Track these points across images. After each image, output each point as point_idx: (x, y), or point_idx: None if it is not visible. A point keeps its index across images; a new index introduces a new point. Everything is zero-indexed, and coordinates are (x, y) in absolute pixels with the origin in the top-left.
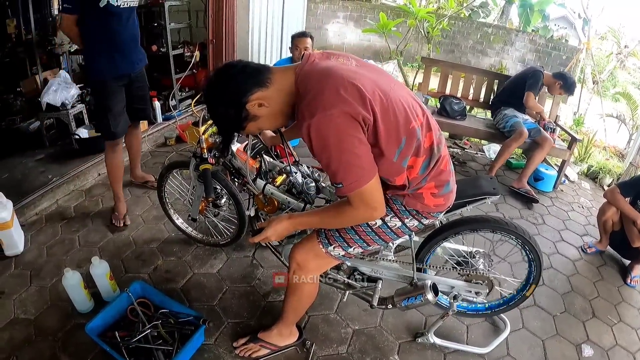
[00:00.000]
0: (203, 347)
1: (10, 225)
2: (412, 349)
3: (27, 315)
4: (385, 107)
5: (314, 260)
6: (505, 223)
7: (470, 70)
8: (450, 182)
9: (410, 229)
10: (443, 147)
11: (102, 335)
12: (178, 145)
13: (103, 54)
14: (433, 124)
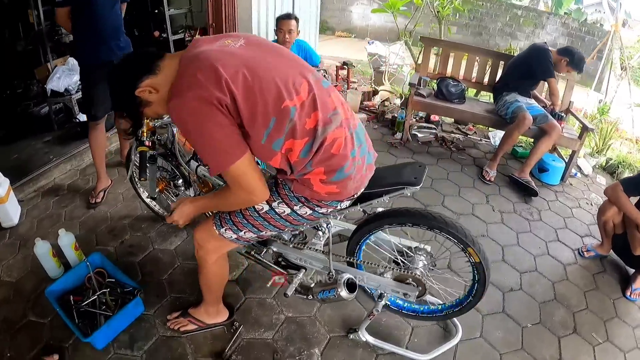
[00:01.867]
0: (142, 317)
1: (5, 200)
2: (342, 345)
3: (11, 278)
4: (250, 86)
5: (211, 241)
6: (433, 218)
7: (473, 51)
8: (347, 167)
9: (303, 217)
10: (336, 129)
11: (61, 298)
12: None
13: (87, 42)
14: (323, 102)
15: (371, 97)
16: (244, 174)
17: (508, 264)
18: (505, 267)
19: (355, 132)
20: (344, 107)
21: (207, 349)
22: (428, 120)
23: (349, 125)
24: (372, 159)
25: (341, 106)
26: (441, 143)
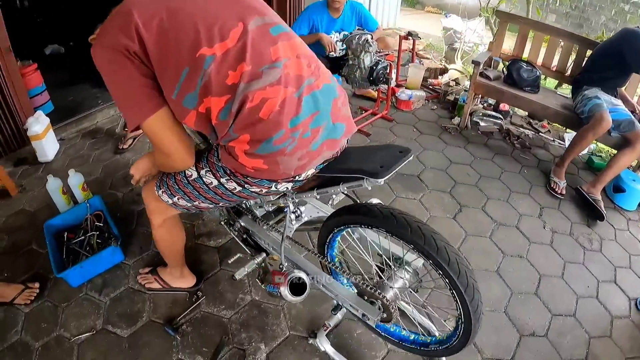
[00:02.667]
0: (121, 265)
1: (42, 137)
2: (298, 347)
3: (31, 208)
4: (164, 32)
5: (153, 201)
6: (401, 225)
7: (556, 33)
8: (278, 138)
9: (234, 192)
10: (269, 86)
11: (58, 233)
12: None
13: None
14: (257, 51)
15: (438, 75)
16: (156, 133)
17: (540, 299)
18: (535, 302)
19: (312, 96)
20: (300, 61)
21: (163, 311)
22: (497, 110)
23: (298, 85)
24: (340, 135)
25: (294, 59)
26: (505, 136)
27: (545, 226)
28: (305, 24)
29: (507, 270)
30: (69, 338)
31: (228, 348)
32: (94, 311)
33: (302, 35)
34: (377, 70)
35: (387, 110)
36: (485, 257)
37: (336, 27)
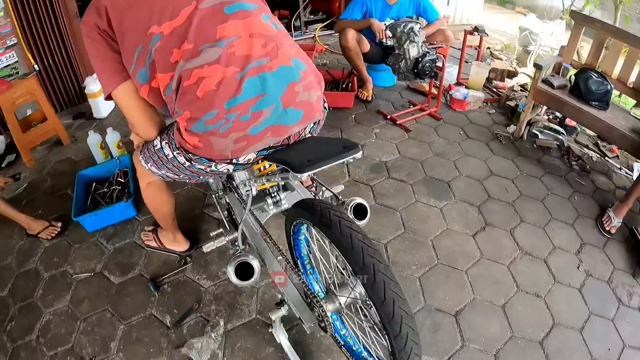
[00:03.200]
0: (133, 220)
1: (97, 96)
2: (258, 332)
3: (76, 158)
4: (126, 10)
5: (139, 165)
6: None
7: (637, 43)
8: (209, 119)
9: (185, 167)
10: (207, 65)
11: (89, 182)
12: None
13: None
14: (201, 30)
15: (505, 78)
16: (121, 103)
17: (544, 351)
18: (536, 354)
19: (259, 77)
20: (252, 40)
21: (153, 268)
22: (562, 124)
23: (243, 65)
24: (293, 121)
25: (245, 38)
26: (564, 155)
27: (580, 266)
28: (359, 8)
29: (516, 307)
30: (72, 274)
31: (195, 315)
32: (98, 256)
33: (354, 19)
34: (422, 62)
35: (437, 108)
36: (494, 287)
37: (392, 14)
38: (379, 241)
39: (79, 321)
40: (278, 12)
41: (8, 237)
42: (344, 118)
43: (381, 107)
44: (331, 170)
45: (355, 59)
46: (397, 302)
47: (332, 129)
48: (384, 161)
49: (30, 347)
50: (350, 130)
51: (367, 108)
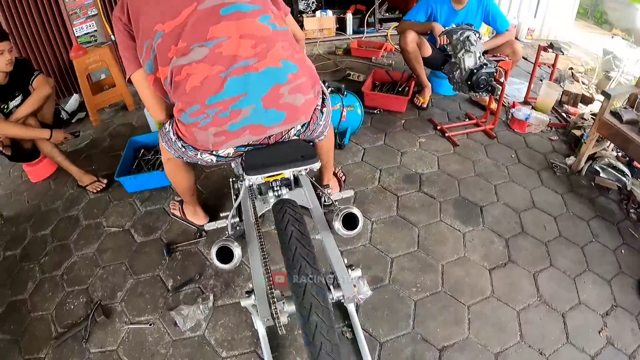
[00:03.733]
0: (168, 188)
1: None
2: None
3: (136, 124)
4: (141, 7)
5: (159, 141)
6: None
7: None
8: (192, 112)
9: (183, 151)
10: (195, 63)
11: (139, 148)
12: (344, 56)
13: None
14: (195, 29)
15: (577, 103)
16: (137, 87)
17: None
18: None
19: (244, 77)
20: (241, 41)
21: (172, 235)
22: (630, 165)
23: (228, 65)
24: (273, 122)
25: (235, 39)
26: (623, 199)
27: (603, 331)
28: (423, 11)
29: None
30: (104, 227)
31: (193, 285)
32: (130, 215)
33: (417, 21)
34: (478, 74)
35: (493, 125)
36: (494, 331)
37: (457, 20)
38: (387, 254)
39: (98, 268)
40: (354, 6)
41: (62, 185)
42: (392, 122)
43: (434, 116)
44: (363, 173)
45: (414, 62)
46: (315, 309)
47: (377, 131)
48: (419, 173)
49: (54, 281)
50: (395, 135)
51: (419, 115)
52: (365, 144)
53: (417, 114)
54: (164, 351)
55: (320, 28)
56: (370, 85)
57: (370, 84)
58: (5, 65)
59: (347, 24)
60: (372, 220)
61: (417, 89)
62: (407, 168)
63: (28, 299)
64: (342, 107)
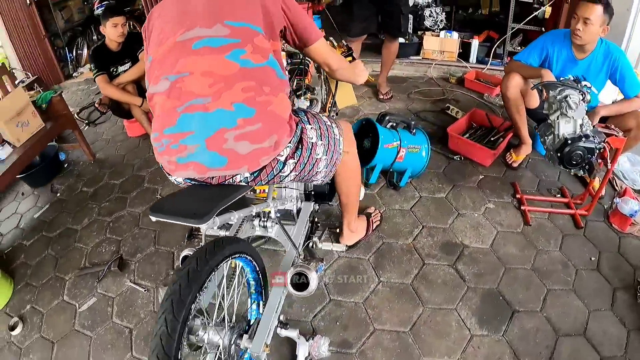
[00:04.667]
0: None
1: None
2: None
3: None
4: (151, 27)
5: None
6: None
7: None
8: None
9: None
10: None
11: None
12: (455, 86)
13: None
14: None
15: None
16: None
17: None
18: None
19: (195, 115)
20: (202, 79)
21: None
22: None
23: (183, 101)
24: (213, 165)
25: (196, 76)
26: None
27: None
28: (537, 52)
29: None
30: (158, 194)
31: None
32: None
33: (528, 64)
34: (572, 147)
35: (587, 212)
36: None
37: (576, 71)
38: (372, 322)
39: (136, 227)
40: (487, 32)
41: (147, 147)
42: (468, 175)
43: (521, 180)
44: (402, 224)
45: (514, 112)
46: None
47: (446, 181)
48: (464, 244)
49: (103, 224)
50: (462, 191)
51: (504, 174)
52: (424, 191)
53: (502, 172)
54: (143, 315)
55: (441, 50)
56: (463, 125)
57: (464, 124)
58: (117, 37)
59: (471, 50)
60: (380, 279)
61: (515, 143)
62: (453, 234)
63: (79, 231)
64: (399, 146)
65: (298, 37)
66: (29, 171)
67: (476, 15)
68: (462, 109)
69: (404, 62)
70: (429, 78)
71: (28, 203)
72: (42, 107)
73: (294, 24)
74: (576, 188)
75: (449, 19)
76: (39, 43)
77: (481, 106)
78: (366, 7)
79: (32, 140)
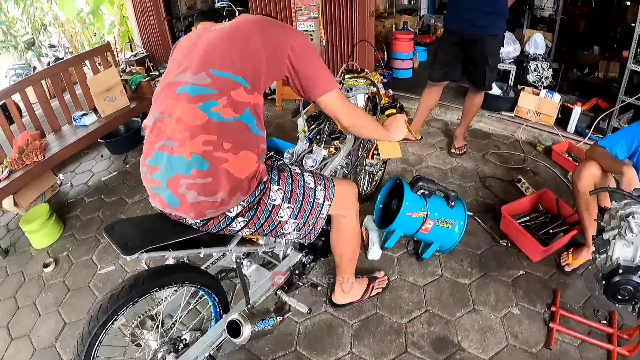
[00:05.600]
0: None
1: None
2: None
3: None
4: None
5: None
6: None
7: None
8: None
9: None
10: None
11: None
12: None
13: (450, 5)
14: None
15: None
16: None
17: None
18: None
19: (164, 155)
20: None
21: None
22: None
23: (159, 139)
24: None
25: (172, 120)
26: None
27: None
28: (626, 142)
29: None
30: None
31: None
32: None
33: (612, 154)
34: (623, 277)
35: (630, 354)
36: None
37: None
38: None
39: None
40: (596, 100)
41: None
42: (507, 267)
43: (567, 291)
44: (405, 300)
45: (583, 208)
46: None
47: (478, 266)
48: (461, 346)
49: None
50: (489, 284)
51: (551, 277)
52: (448, 270)
53: (550, 273)
54: None
55: (537, 111)
56: (526, 206)
57: (528, 205)
58: None
59: (572, 118)
60: (352, 350)
61: (580, 241)
62: (455, 330)
63: (129, 204)
64: (426, 217)
65: (302, 87)
66: (111, 138)
67: (589, 78)
68: (535, 185)
69: (494, 116)
70: (515, 140)
71: (102, 166)
72: (132, 88)
73: (299, 72)
74: (632, 319)
75: (556, 77)
76: (158, 24)
77: (560, 186)
78: (451, 52)
79: (116, 114)
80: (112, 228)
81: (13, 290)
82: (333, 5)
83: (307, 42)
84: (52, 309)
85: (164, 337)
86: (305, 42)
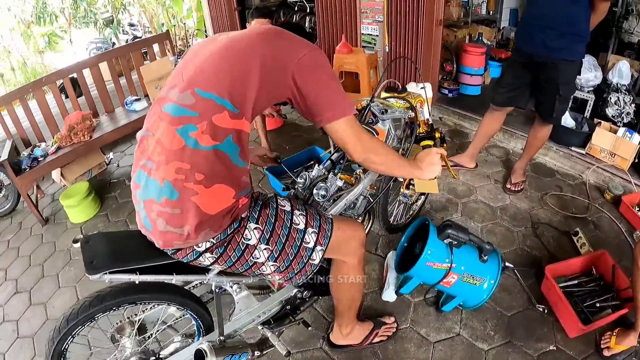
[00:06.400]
0: None
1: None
2: None
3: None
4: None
5: None
6: None
7: None
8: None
9: None
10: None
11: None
12: (607, 205)
13: (523, 20)
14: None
15: None
16: None
17: None
18: None
19: (144, 174)
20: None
21: None
22: None
23: (145, 157)
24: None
25: (155, 139)
26: None
27: None
28: None
29: None
30: None
31: None
32: None
33: None
34: None
35: None
36: None
37: None
38: None
39: None
40: None
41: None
42: (538, 338)
43: None
44: (412, 354)
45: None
46: None
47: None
48: None
49: None
50: (511, 354)
51: (585, 358)
52: (467, 329)
53: (585, 354)
54: None
55: (612, 151)
56: (576, 267)
57: (579, 266)
58: None
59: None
60: None
61: (624, 323)
62: None
63: None
64: (449, 270)
65: (308, 110)
66: None
67: None
68: (594, 241)
69: (562, 150)
70: (582, 182)
71: None
72: None
73: (304, 94)
74: None
75: (639, 114)
76: (229, 13)
77: (622, 247)
78: (519, 74)
79: None
80: (87, 242)
81: (43, 259)
82: (399, 10)
83: (319, 57)
84: (71, 284)
85: (140, 346)
86: (316, 57)
